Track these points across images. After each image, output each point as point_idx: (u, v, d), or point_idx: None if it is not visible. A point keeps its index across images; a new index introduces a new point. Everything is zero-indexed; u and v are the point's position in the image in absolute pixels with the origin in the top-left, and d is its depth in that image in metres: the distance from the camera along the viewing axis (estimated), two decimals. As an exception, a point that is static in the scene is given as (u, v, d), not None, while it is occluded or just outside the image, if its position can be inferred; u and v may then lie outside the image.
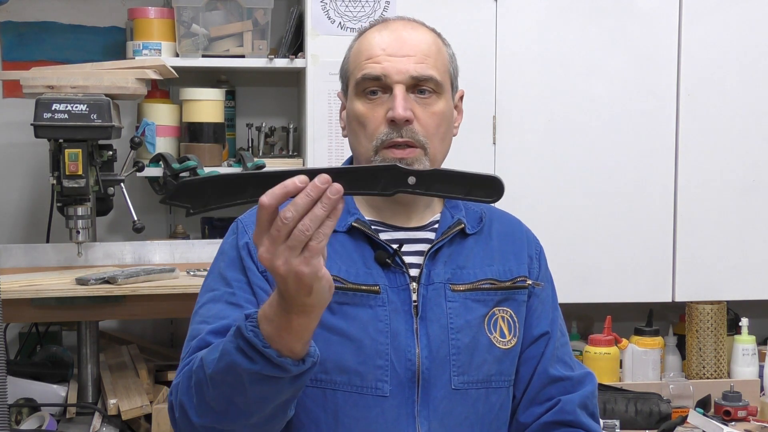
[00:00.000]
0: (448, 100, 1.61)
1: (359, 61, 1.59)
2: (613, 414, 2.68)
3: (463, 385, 1.56)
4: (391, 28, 1.60)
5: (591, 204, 2.92)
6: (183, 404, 1.40)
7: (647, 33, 2.91)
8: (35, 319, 2.82)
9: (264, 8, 2.90)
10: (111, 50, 3.11)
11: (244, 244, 1.57)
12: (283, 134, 3.14)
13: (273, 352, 1.28)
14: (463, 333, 1.57)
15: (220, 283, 1.56)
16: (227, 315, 1.49)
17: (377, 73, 1.55)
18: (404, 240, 1.60)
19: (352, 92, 1.59)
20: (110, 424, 2.60)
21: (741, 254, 2.97)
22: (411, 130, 1.55)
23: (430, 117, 1.57)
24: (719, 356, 2.97)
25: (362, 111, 1.57)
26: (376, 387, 1.53)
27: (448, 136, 1.63)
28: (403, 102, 1.54)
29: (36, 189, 3.12)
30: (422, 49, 1.58)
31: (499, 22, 2.86)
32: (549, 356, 1.64)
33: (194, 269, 2.69)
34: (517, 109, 2.88)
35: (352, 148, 1.63)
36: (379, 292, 1.55)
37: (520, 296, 1.64)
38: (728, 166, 2.95)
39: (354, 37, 1.66)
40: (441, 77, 1.58)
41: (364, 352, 1.53)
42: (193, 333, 1.51)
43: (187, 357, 1.47)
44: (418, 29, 1.62)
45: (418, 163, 1.56)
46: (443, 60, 1.62)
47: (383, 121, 1.55)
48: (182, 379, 1.43)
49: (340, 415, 1.53)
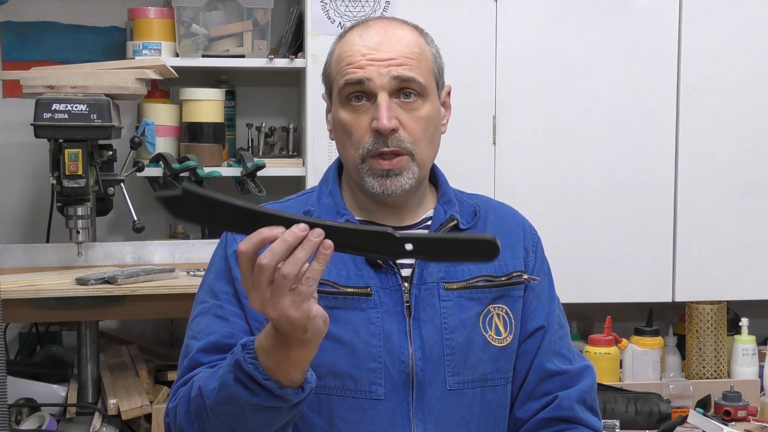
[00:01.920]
0: (434, 101, 1.58)
1: (340, 66, 1.56)
2: (613, 414, 2.68)
3: (458, 385, 1.56)
4: (371, 30, 1.57)
5: (591, 204, 2.92)
6: (183, 429, 1.43)
7: (647, 33, 2.91)
8: (35, 319, 2.82)
9: (264, 8, 2.90)
10: (111, 50, 3.11)
11: (233, 252, 1.57)
12: (283, 134, 3.14)
13: (274, 384, 1.30)
14: (458, 333, 1.56)
15: (209, 294, 1.57)
16: (215, 330, 1.52)
17: (359, 78, 1.53)
18: None
19: (336, 98, 1.57)
20: (110, 424, 2.60)
21: (741, 254, 2.97)
22: (397, 139, 1.53)
23: (416, 122, 1.55)
24: (719, 356, 2.97)
25: (347, 120, 1.55)
26: (370, 390, 1.52)
27: (436, 137, 1.61)
28: (387, 111, 1.51)
29: (36, 189, 3.12)
30: (404, 50, 1.54)
31: (499, 22, 2.86)
32: (545, 350, 1.63)
33: (194, 269, 2.69)
34: (517, 109, 2.88)
35: (340, 154, 1.62)
36: (370, 294, 1.54)
37: (515, 292, 1.62)
38: (728, 166, 2.95)
39: (335, 40, 1.62)
40: (424, 79, 1.55)
41: (357, 355, 1.52)
42: (185, 349, 1.54)
43: (180, 378, 1.50)
44: (399, 29, 1.58)
45: (407, 171, 1.54)
46: (426, 60, 1.58)
47: (368, 130, 1.53)
48: (180, 404, 1.45)
49: (336, 419, 1.53)
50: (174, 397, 1.48)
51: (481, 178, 2.86)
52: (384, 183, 1.54)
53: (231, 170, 2.91)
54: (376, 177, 1.54)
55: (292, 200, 1.68)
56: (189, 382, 1.47)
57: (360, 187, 1.59)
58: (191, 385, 1.44)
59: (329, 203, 1.62)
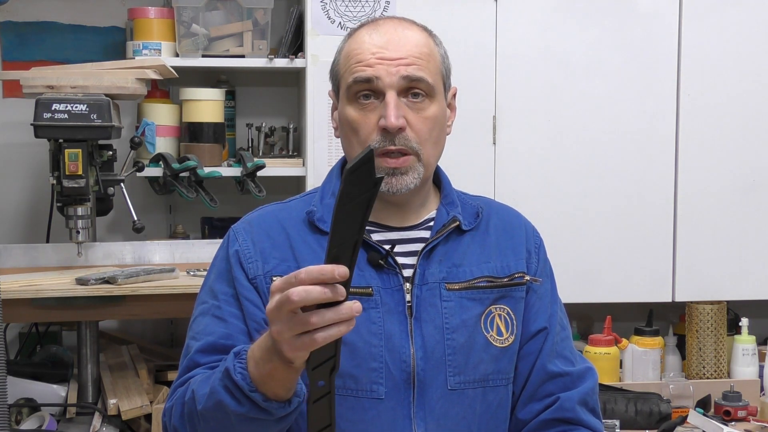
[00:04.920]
0: (440, 102, 1.59)
1: (349, 63, 1.57)
2: (613, 414, 2.68)
3: (459, 385, 1.56)
4: (381, 29, 1.58)
5: (591, 204, 2.92)
6: (177, 430, 1.46)
7: (647, 33, 2.91)
8: (35, 319, 2.82)
9: (264, 8, 2.90)
10: (111, 50, 3.11)
11: (234, 252, 1.58)
12: (283, 134, 3.14)
13: (259, 396, 1.31)
14: (459, 333, 1.56)
15: (209, 295, 1.59)
16: (213, 331, 1.53)
17: (368, 76, 1.54)
18: (398, 240, 1.59)
19: (344, 95, 1.58)
20: (110, 424, 2.60)
21: (741, 254, 2.97)
22: (404, 138, 1.54)
23: (422, 122, 1.55)
24: (719, 356, 2.97)
25: (354, 117, 1.56)
26: (371, 389, 1.53)
27: (442, 138, 1.62)
28: (395, 110, 1.52)
29: (36, 189, 3.12)
30: (413, 50, 1.55)
31: (499, 22, 2.86)
32: (547, 352, 1.63)
33: (194, 269, 2.69)
34: (517, 109, 2.88)
35: (345, 152, 1.63)
36: (371, 294, 1.54)
37: (517, 293, 1.63)
38: (728, 166, 2.95)
39: (344, 38, 1.63)
40: (433, 79, 1.56)
41: (358, 355, 1.52)
42: (185, 350, 1.55)
43: (178, 378, 1.52)
44: (409, 29, 1.59)
45: (412, 170, 1.55)
46: (435, 61, 1.59)
47: (375, 128, 1.54)
48: (175, 405, 1.47)
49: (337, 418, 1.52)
50: (171, 397, 1.51)
51: (481, 178, 2.86)
52: (390, 181, 1.54)
53: (231, 170, 2.91)
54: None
55: (296, 200, 1.68)
56: (186, 384, 1.48)
57: None
58: (187, 387, 1.46)
59: (332, 203, 1.61)
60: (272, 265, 1.56)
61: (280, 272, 1.55)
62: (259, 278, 1.56)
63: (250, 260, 1.57)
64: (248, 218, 1.65)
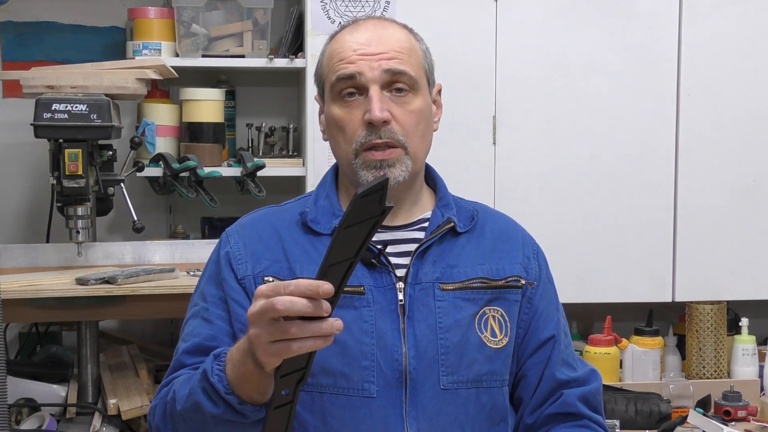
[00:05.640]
0: (425, 96, 1.60)
1: (332, 63, 1.58)
2: (613, 414, 2.68)
3: (452, 385, 1.56)
4: (362, 27, 1.60)
5: (591, 204, 2.92)
6: (159, 430, 1.49)
7: (647, 33, 2.91)
8: (35, 319, 2.82)
9: (264, 8, 2.90)
10: (111, 50, 3.11)
11: (225, 253, 1.61)
12: (283, 134, 3.14)
13: (234, 399, 1.34)
14: (452, 332, 1.56)
15: (200, 297, 1.62)
16: (199, 332, 1.56)
17: (351, 72, 1.55)
18: (391, 241, 1.59)
19: (329, 96, 1.59)
20: (110, 424, 2.60)
21: (741, 254, 2.97)
22: (389, 131, 1.55)
23: (407, 115, 1.56)
24: (719, 356, 2.97)
25: (340, 115, 1.57)
26: (363, 388, 1.53)
27: (428, 132, 1.62)
28: (379, 103, 1.53)
29: (36, 189, 3.12)
30: (394, 45, 1.57)
31: (499, 22, 2.86)
32: (556, 360, 1.64)
33: (194, 269, 2.69)
34: (517, 109, 2.88)
35: (334, 152, 1.63)
36: (363, 293, 1.55)
37: (512, 296, 1.63)
38: (728, 166, 2.95)
39: (326, 41, 1.65)
40: (415, 73, 1.57)
41: (349, 353, 1.53)
42: (176, 350, 1.58)
43: (165, 377, 1.55)
44: (389, 27, 1.61)
45: (400, 163, 1.56)
46: (417, 56, 1.60)
47: (361, 124, 1.55)
48: (159, 404, 1.51)
49: (328, 417, 1.53)
50: (156, 396, 1.53)
51: (481, 178, 2.86)
52: (378, 174, 1.54)
53: (231, 170, 2.91)
54: (370, 169, 1.55)
55: (290, 204, 1.70)
56: (170, 384, 1.51)
57: (355, 185, 1.60)
58: (170, 388, 1.49)
59: (325, 205, 1.63)
60: (264, 265, 1.58)
61: (273, 272, 1.57)
62: (248, 278, 1.57)
63: (240, 261, 1.59)
64: (242, 221, 1.68)
